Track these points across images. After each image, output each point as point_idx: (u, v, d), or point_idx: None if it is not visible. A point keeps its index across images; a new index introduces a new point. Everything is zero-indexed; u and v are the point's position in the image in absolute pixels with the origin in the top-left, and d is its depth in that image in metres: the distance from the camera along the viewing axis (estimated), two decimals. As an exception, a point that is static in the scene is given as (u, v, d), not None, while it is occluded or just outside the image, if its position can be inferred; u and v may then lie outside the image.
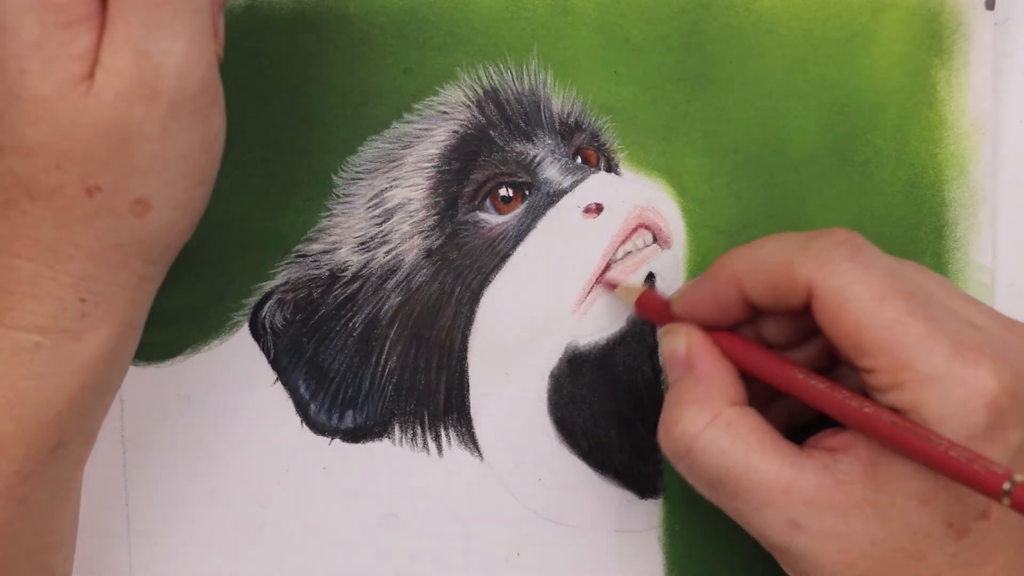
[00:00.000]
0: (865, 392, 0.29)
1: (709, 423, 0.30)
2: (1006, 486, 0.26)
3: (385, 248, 0.36)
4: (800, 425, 0.34)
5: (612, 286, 0.36)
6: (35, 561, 0.31)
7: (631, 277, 0.37)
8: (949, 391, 0.27)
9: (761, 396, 0.33)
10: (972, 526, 0.28)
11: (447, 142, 0.36)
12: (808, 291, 0.29)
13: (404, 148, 0.36)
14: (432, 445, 0.37)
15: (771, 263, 0.30)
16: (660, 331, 0.33)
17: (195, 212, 0.29)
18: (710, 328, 0.32)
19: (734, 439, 0.30)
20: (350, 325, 0.36)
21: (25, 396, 0.28)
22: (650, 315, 0.35)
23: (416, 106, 0.36)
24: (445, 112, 0.36)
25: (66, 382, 0.28)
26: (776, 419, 0.32)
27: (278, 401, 0.37)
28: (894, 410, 0.28)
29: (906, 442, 0.28)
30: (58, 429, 0.29)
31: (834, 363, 0.32)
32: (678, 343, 0.32)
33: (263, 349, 0.36)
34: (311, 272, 0.36)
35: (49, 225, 0.27)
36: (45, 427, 0.28)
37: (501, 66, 0.36)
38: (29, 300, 0.28)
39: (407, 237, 0.36)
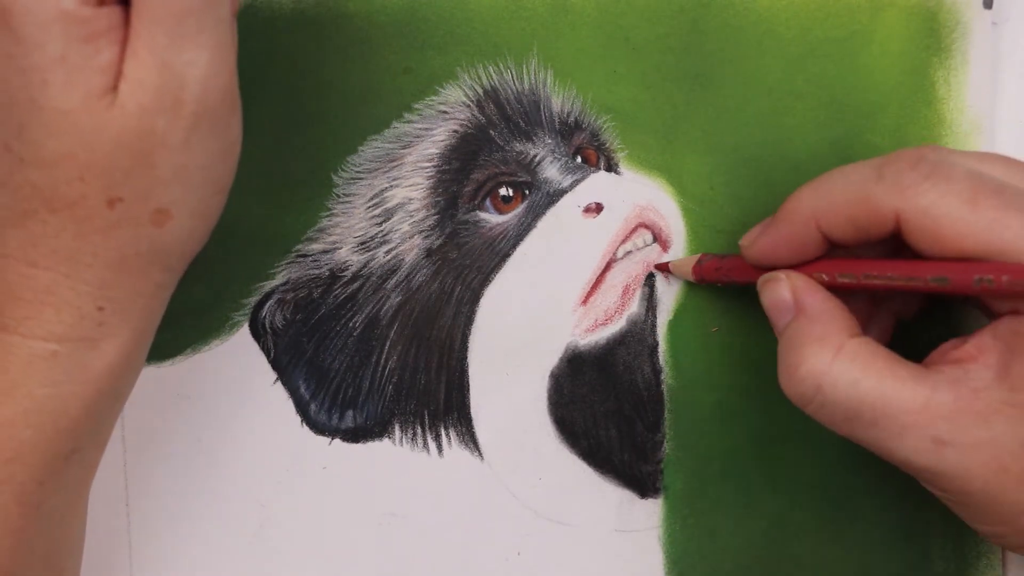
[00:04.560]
0: (977, 300, 0.30)
1: (835, 357, 0.30)
2: None
3: (385, 248, 0.36)
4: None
5: (663, 268, 0.37)
6: (48, 565, 0.31)
7: (632, 277, 0.37)
8: None
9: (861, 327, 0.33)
10: None
11: (447, 142, 0.36)
12: (895, 219, 0.30)
13: (404, 148, 0.36)
14: (432, 445, 0.37)
15: (848, 199, 0.30)
16: (760, 281, 0.34)
17: (212, 220, 0.30)
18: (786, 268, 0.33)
19: (863, 368, 0.30)
20: (350, 325, 0.36)
21: (42, 404, 0.28)
22: (713, 277, 0.36)
23: (416, 106, 0.36)
24: (445, 112, 0.36)
25: (82, 390, 0.29)
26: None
27: (278, 401, 0.37)
28: (1015, 312, 0.29)
29: None
30: (74, 436, 0.29)
31: None
32: (781, 290, 0.32)
33: (263, 349, 0.37)
34: (311, 272, 0.36)
35: (69, 235, 0.28)
36: (61, 434, 0.29)
37: (501, 66, 0.36)
38: (47, 309, 0.28)
39: (407, 237, 0.36)
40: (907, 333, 0.35)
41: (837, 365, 0.30)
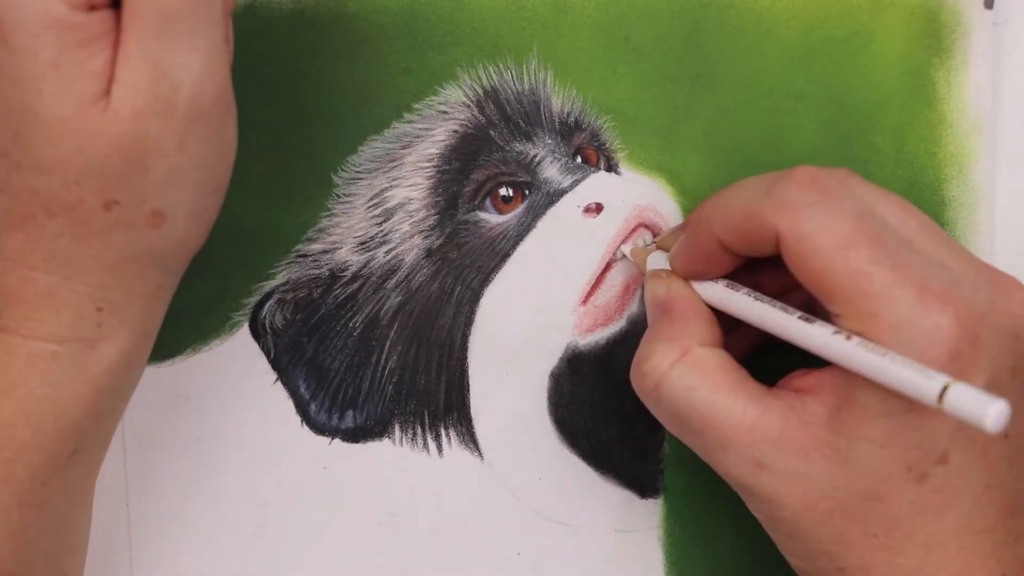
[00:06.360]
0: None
1: (677, 360, 0.31)
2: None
3: (385, 248, 0.37)
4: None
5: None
6: (51, 566, 0.31)
7: (632, 276, 0.37)
8: (912, 339, 0.28)
9: (744, 344, 0.34)
10: (931, 471, 0.29)
11: (447, 142, 0.36)
12: (775, 238, 0.29)
13: (404, 148, 0.36)
14: (432, 445, 0.37)
15: (739, 211, 0.30)
16: (645, 276, 0.34)
17: (209, 221, 0.30)
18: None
19: (701, 377, 0.30)
20: (350, 325, 0.37)
21: (42, 404, 0.29)
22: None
23: (416, 106, 0.36)
24: (445, 112, 0.36)
25: (83, 390, 0.29)
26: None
27: (278, 401, 0.37)
28: None
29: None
30: (75, 436, 0.30)
31: None
32: (660, 288, 0.33)
33: (263, 349, 0.37)
34: (311, 272, 0.36)
35: (66, 239, 0.28)
36: (62, 434, 0.29)
37: (501, 66, 0.36)
38: (46, 310, 0.28)
39: (407, 237, 0.37)
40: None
41: (678, 368, 0.31)
